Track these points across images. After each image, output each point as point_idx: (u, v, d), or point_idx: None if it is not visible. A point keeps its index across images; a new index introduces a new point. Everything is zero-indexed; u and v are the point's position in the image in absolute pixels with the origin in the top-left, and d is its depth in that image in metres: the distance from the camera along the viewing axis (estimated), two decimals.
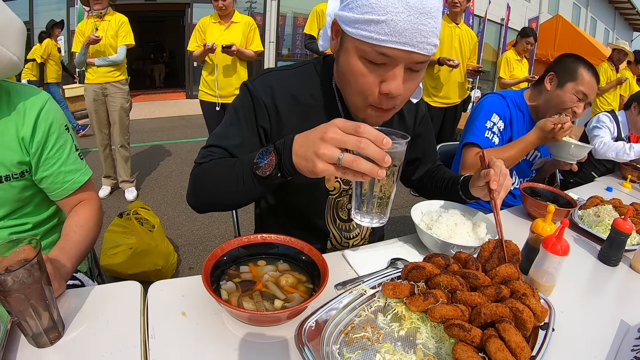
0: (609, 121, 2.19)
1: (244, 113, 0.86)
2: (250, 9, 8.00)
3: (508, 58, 3.90)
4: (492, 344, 0.54)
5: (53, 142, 0.87)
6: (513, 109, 1.49)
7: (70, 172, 0.90)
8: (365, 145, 0.57)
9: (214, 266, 0.69)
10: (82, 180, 0.93)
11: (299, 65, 0.92)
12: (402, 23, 0.65)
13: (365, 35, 0.68)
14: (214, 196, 0.82)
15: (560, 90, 1.40)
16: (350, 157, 0.58)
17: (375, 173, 0.58)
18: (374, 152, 0.57)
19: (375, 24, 0.66)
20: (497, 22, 8.69)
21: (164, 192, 3.34)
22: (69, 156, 0.90)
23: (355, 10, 0.69)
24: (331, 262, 0.80)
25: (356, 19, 0.68)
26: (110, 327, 0.64)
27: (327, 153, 0.59)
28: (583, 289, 0.88)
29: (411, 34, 0.66)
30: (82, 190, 0.94)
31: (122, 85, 2.96)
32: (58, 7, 6.37)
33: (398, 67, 0.70)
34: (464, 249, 0.82)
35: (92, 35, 2.68)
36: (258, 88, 0.86)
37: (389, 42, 0.67)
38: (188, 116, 6.52)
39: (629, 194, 1.62)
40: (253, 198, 0.84)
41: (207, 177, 0.82)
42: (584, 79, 1.37)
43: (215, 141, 0.86)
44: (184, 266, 2.32)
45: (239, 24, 2.87)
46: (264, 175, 0.69)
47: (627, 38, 16.80)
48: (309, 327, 0.62)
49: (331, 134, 0.59)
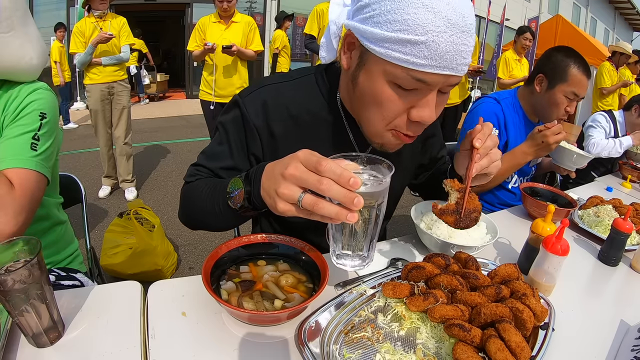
0: (604, 121, 2.19)
1: (233, 135, 0.80)
2: (250, 9, 8.01)
3: (507, 58, 3.90)
4: (492, 344, 0.54)
5: (19, 118, 0.83)
6: (508, 111, 1.48)
7: (6, 150, 0.80)
8: (327, 187, 0.49)
9: (214, 266, 0.69)
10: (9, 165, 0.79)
11: (298, 76, 0.83)
12: (445, 45, 0.56)
13: (398, 57, 0.58)
14: (199, 220, 0.79)
15: (551, 92, 1.38)
16: (311, 200, 0.50)
17: (343, 217, 0.49)
18: (338, 194, 0.49)
19: (412, 45, 0.56)
20: (497, 22, 8.70)
21: (164, 192, 3.34)
22: (19, 136, 0.81)
23: (383, 26, 0.58)
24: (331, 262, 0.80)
25: (386, 37, 0.58)
26: (110, 327, 0.64)
27: (286, 193, 0.52)
28: (583, 289, 0.88)
29: (452, 57, 0.57)
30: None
31: (126, 84, 3.02)
32: (58, 7, 6.38)
33: (432, 93, 0.62)
34: (464, 249, 0.82)
35: (104, 34, 2.69)
36: (250, 108, 0.78)
37: (428, 67, 0.57)
38: (188, 116, 6.52)
39: (629, 194, 1.62)
40: (238, 223, 0.80)
41: (190, 201, 0.79)
42: (574, 78, 1.33)
43: (203, 161, 0.82)
44: (184, 266, 2.32)
45: (239, 24, 2.88)
46: (234, 207, 0.65)
47: (627, 38, 16.79)
48: (309, 327, 0.62)
49: (291, 170, 0.51)
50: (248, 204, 0.63)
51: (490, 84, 9.46)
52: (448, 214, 0.70)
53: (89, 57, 2.78)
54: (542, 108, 1.43)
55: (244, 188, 0.62)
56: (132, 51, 7.78)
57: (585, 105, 6.69)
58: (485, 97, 1.54)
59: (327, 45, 0.78)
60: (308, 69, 0.85)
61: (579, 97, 1.36)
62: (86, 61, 2.80)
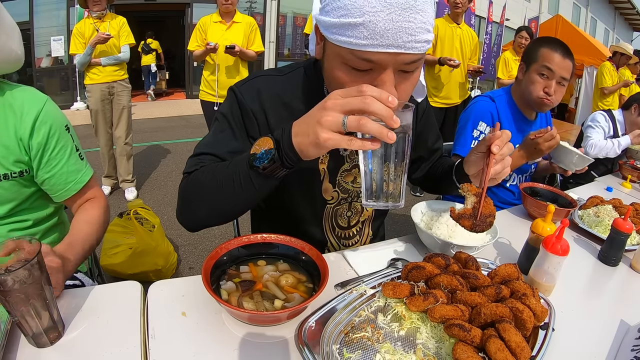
0: (604, 120, 2.19)
1: (233, 121, 0.81)
2: (250, 9, 8.01)
3: (506, 58, 3.90)
4: (492, 344, 0.54)
5: (54, 144, 0.87)
6: (502, 108, 1.48)
7: (72, 173, 0.91)
8: (371, 102, 0.52)
9: (214, 266, 0.69)
10: (84, 180, 0.93)
11: (289, 70, 0.87)
12: (383, 23, 0.58)
13: (343, 40, 0.62)
14: (208, 206, 0.74)
15: (527, 74, 1.41)
16: (355, 118, 0.53)
17: (385, 135, 0.53)
18: (380, 109, 0.52)
19: (352, 27, 0.60)
20: (498, 22, 8.71)
21: (164, 192, 3.34)
22: (70, 157, 0.91)
23: (331, 13, 0.63)
24: (331, 262, 0.80)
25: (332, 23, 0.62)
26: (110, 327, 0.64)
27: (330, 119, 0.54)
28: (583, 289, 0.88)
29: (394, 34, 0.59)
30: (86, 189, 0.95)
31: (127, 84, 3.03)
32: (58, 7, 6.37)
33: (386, 72, 0.63)
34: (464, 249, 0.82)
35: (102, 35, 2.69)
36: (245, 95, 0.81)
37: (369, 47, 0.60)
38: (188, 116, 6.52)
39: (629, 194, 1.62)
40: (251, 202, 0.73)
41: (199, 185, 0.74)
42: (545, 55, 1.35)
43: (203, 149, 0.80)
44: (184, 266, 2.32)
45: (241, 24, 2.88)
46: (262, 167, 0.63)
47: (627, 38, 16.79)
48: (309, 327, 0.62)
49: (333, 100, 0.55)
50: (278, 158, 0.61)
51: (491, 84, 9.46)
52: (465, 218, 0.72)
53: (88, 57, 2.79)
54: (524, 94, 1.45)
55: (274, 139, 0.62)
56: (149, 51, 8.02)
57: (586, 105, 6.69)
58: (480, 96, 1.55)
59: (313, 38, 0.82)
60: (297, 64, 0.88)
61: (554, 74, 1.35)
62: (85, 62, 2.82)
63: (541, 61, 1.36)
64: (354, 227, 1.01)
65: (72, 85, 6.67)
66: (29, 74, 6.31)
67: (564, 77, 1.36)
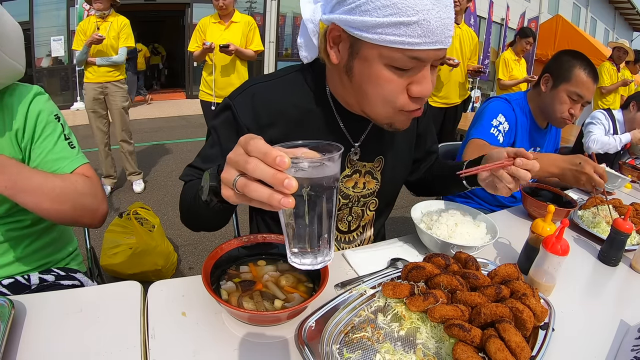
0: (604, 118, 2.19)
1: (225, 138, 0.81)
2: (250, 9, 8.01)
3: (506, 59, 3.89)
4: (492, 344, 0.54)
5: (41, 131, 0.86)
6: (519, 113, 1.48)
7: (58, 160, 0.87)
8: (253, 165, 0.44)
9: (214, 266, 0.69)
10: (72, 167, 0.88)
11: (284, 74, 0.85)
12: (434, 21, 0.60)
13: (393, 40, 0.61)
14: (193, 222, 0.81)
15: (555, 91, 1.39)
16: (242, 182, 0.46)
17: (276, 202, 0.43)
18: (265, 174, 0.43)
19: (405, 26, 0.59)
20: (498, 22, 8.70)
21: (164, 192, 3.34)
22: (56, 144, 0.87)
23: (373, 13, 0.61)
24: (331, 262, 0.80)
25: (378, 22, 0.61)
26: (110, 327, 0.64)
27: (225, 176, 0.49)
28: (583, 289, 0.88)
29: (442, 31, 0.61)
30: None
31: (121, 85, 3.02)
32: (58, 7, 6.36)
33: (426, 67, 0.66)
34: (464, 249, 0.82)
35: (95, 35, 2.71)
36: (239, 109, 0.79)
37: (422, 45, 0.61)
38: (188, 116, 6.52)
39: (629, 194, 1.62)
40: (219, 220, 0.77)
41: (182, 204, 0.81)
42: (579, 79, 1.34)
43: (197, 163, 0.84)
44: (184, 266, 2.32)
45: (239, 24, 2.87)
46: (204, 200, 0.60)
47: (627, 38, 16.78)
48: (309, 327, 0.62)
49: (230, 154, 0.49)
50: (214, 196, 0.58)
51: (490, 84, 9.46)
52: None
53: (84, 56, 2.81)
54: (546, 107, 1.44)
55: (209, 180, 0.59)
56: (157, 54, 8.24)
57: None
58: (495, 97, 1.55)
59: (306, 44, 0.77)
60: (292, 67, 0.87)
61: (583, 99, 1.35)
62: (82, 60, 2.85)
63: (575, 85, 1.34)
64: (354, 232, 1.01)
65: (72, 85, 6.66)
66: (29, 74, 6.31)
67: (589, 101, 1.37)
